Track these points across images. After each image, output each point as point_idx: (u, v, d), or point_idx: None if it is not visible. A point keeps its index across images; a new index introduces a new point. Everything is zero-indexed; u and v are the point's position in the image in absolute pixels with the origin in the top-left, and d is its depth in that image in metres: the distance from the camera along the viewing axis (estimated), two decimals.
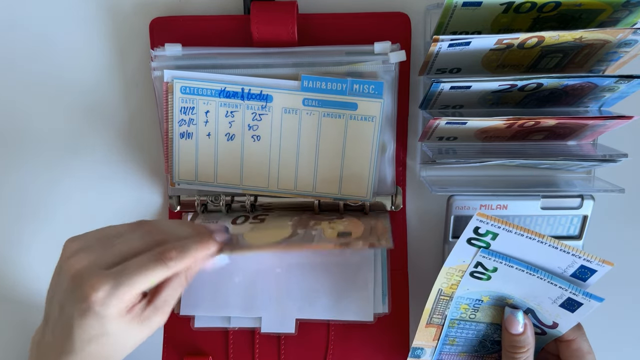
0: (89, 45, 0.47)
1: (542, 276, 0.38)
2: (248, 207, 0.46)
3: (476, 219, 0.36)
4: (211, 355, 0.48)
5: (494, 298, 0.41)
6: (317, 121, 0.40)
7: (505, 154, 0.42)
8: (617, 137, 0.43)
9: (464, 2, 0.36)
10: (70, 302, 0.34)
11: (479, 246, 0.38)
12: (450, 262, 0.39)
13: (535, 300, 0.40)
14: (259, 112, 0.41)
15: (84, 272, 0.34)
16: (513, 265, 0.38)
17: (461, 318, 0.43)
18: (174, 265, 0.35)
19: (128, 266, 0.34)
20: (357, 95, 0.41)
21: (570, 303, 0.39)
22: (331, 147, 0.43)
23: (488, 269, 0.39)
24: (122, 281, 0.34)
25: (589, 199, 0.44)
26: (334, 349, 0.47)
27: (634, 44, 0.38)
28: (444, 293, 0.41)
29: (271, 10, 0.43)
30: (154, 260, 0.35)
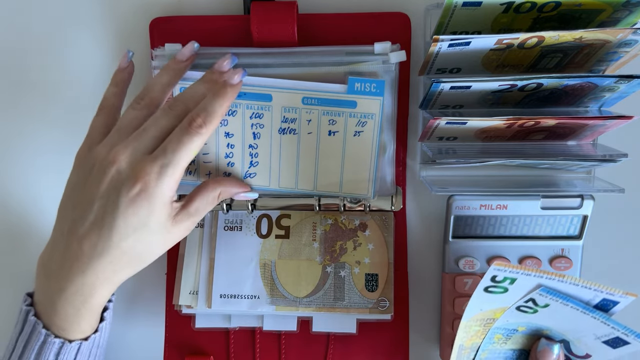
0: (89, 45, 0.47)
1: (596, 315, 0.37)
2: (249, 207, 0.46)
3: (494, 269, 0.35)
4: (212, 355, 0.48)
5: (531, 329, 0.41)
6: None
7: (505, 154, 0.42)
8: (617, 137, 0.43)
9: (464, 2, 0.36)
10: (118, 190, 0.35)
11: (497, 292, 0.37)
12: (468, 315, 0.38)
13: (575, 334, 0.40)
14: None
15: (131, 160, 0.36)
16: (568, 303, 0.37)
17: (493, 348, 0.42)
18: (205, 130, 0.37)
19: (167, 146, 0.36)
20: (358, 93, 0.41)
21: (616, 341, 0.38)
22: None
23: (539, 304, 0.38)
24: (168, 160, 0.36)
25: (589, 199, 0.44)
26: (335, 348, 0.47)
27: (634, 44, 0.38)
28: (464, 347, 0.40)
29: (271, 10, 0.43)
30: (185, 133, 0.37)
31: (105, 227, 0.35)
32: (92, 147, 0.38)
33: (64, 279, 0.36)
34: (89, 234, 0.35)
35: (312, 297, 0.46)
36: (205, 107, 0.37)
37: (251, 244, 0.47)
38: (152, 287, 0.49)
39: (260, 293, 0.46)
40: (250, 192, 0.44)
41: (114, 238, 0.35)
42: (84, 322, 0.38)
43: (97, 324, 0.39)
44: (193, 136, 0.37)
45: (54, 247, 0.37)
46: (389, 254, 0.46)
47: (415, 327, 0.48)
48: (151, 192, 0.35)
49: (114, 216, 0.35)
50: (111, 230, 0.35)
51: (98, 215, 0.35)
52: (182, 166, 0.36)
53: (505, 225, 0.45)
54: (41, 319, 0.37)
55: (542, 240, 0.45)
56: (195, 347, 0.48)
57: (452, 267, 0.46)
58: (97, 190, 0.36)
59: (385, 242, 0.46)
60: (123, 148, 0.36)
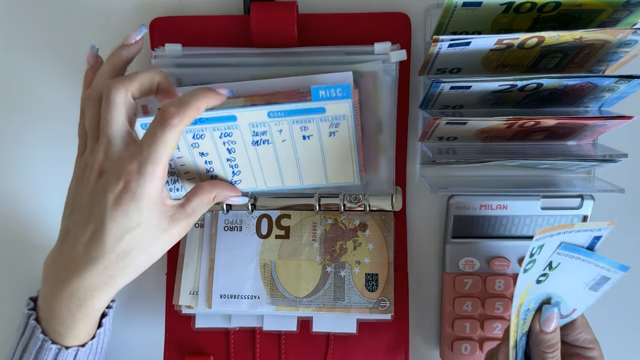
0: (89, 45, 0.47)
1: (592, 259, 0.39)
2: (249, 207, 0.46)
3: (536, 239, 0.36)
4: (212, 355, 0.48)
5: (537, 301, 0.41)
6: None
7: (505, 154, 0.42)
8: (617, 137, 0.43)
9: (464, 2, 0.36)
10: (104, 192, 0.35)
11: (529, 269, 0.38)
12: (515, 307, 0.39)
13: (569, 290, 0.41)
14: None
15: (109, 161, 0.35)
16: (575, 254, 0.39)
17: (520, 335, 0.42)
18: (179, 121, 0.35)
19: (142, 142, 0.35)
20: (324, 99, 0.39)
21: (599, 282, 0.40)
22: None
23: (553, 267, 0.39)
24: (145, 157, 0.35)
25: (589, 199, 0.44)
26: (335, 348, 0.47)
27: (634, 44, 0.38)
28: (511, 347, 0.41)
29: (271, 10, 0.43)
30: (159, 126, 0.35)
31: (97, 231, 0.35)
32: (81, 155, 0.38)
33: (61, 282, 0.36)
34: (82, 239, 0.35)
35: (312, 297, 0.46)
36: (181, 100, 0.36)
37: (251, 244, 0.47)
38: (152, 287, 0.49)
39: (260, 293, 0.46)
40: (241, 197, 0.44)
41: (107, 242, 0.35)
42: (80, 328, 0.37)
43: (94, 330, 0.39)
44: (166, 128, 0.35)
45: (55, 252, 0.37)
46: (389, 254, 0.46)
47: (415, 327, 0.48)
48: (134, 190, 0.34)
49: (103, 219, 0.35)
50: (103, 234, 0.35)
51: (89, 220, 0.35)
52: (162, 162, 0.35)
53: (505, 225, 0.45)
54: (41, 323, 0.37)
55: None
56: (195, 347, 0.48)
57: (452, 267, 0.46)
58: (87, 196, 0.36)
59: (385, 242, 0.46)
60: (97, 151, 0.36)
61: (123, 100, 0.36)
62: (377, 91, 0.43)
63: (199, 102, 0.36)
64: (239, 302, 0.46)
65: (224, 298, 0.47)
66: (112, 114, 0.36)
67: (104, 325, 0.39)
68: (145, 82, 0.37)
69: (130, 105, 0.36)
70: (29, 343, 0.37)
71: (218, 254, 0.47)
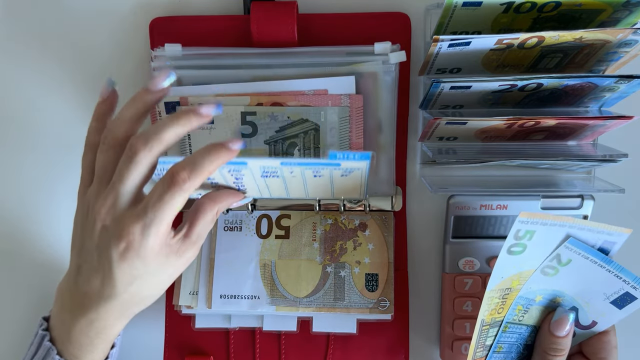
0: (89, 45, 0.47)
1: (612, 268, 0.38)
2: (249, 207, 0.46)
3: (519, 221, 0.36)
4: (212, 355, 0.48)
5: (547, 297, 0.41)
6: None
7: (505, 154, 0.42)
8: (617, 137, 0.43)
9: (464, 2, 0.36)
10: (107, 247, 0.35)
11: (517, 252, 0.38)
12: (492, 284, 0.39)
13: (586, 296, 0.40)
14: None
15: (113, 217, 0.35)
16: (589, 256, 0.38)
17: (513, 320, 0.42)
18: (189, 186, 0.34)
19: (148, 203, 0.34)
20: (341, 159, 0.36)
21: (623, 299, 0.39)
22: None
23: (562, 261, 0.39)
24: (150, 219, 0.34)
25: (589, 199, 0.44)
26: (335, 348, 0.47)
27: (634, 44, 0.38)
28: (485, 322, 0.41)
29: (271, 10, 0.43)
30: (167, 189, 0.34)
31: (107, 277, 0.35)
32: (85, 188, 0.38)
33: (78, 313, 0.36)
34: (94, 281, 0.36)
35: (312, 297, 0.46)
36: (193, 160, 0.34)
37: (251, 244, 0.47)
38: None
39: (260, 293, 0.46)
40: (246, 198, 0.43)
41: (118, 287, 0.35)
42: (97, 352, 0.38)
43: (108, 351, 0.40)
44: (175, 192, 0.34)
45: (70, 282, 0.37)
46: (389, 254, 0.46)
47: (415, 327, 0.48)
48: (137, 249, 0.34)
49: (111, 269, 0.35)
50: (112, 280, 0.35)
51: (98, 265, 0.35)
52: (166, 222, 0.35)
53: (505, 225, 0.45)
54: (55, 344, 0.38)
55: None
56: (195, 347, 0.48)
57: (452, 267, 0.46)
58: (92, 241, 0.36)
59: (386, 242, 0.46)
60: (103, 202, 0.35)
61: (147, 162, 0.35)
62: (377, 91, 0.43)
63: (212, 164, 0.35)
64: (238, 303, 0.46)
65: (224, 298, 0.47)
66: (131, 173, 0.35)
67: (116, 345, 0.40)
68: (171, 142, 0.36)
69: (152, 166, 0.35)
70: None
71: (218, 254, 0.47)
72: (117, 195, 0.35)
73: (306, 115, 0.42)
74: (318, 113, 0.42)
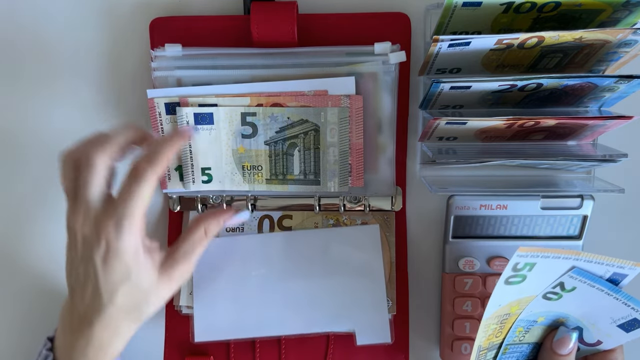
0: (88, 45, 0.47)
1: (619, 296, 0.38)
2: (249, 207, 0.46)
3: (517, 255, 0.35)
4: (212, 356, 0.48)
5: (550, 318, 0.41)
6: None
7: (505, 154, 0.42)
8: (617, 137, 0.43)
9: (464, 2, 0.36)
10: (90, 255, 0.36)
11: (515, 283, 0.37)
12: (489, 312, 0.38)
13: (592, 319, 0.40)
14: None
15: (88, 223, 0.36)
16: (595, 284, 0.38)
17: (513, 342, 0.42)
18: (151, 173, 0.36)
19: (117, 199, 0.36)
20: None
21: (631, 324, 0.39)
22: None
23: (566, 288, 0.38)
24: (121, 213, 0.36)
25: (588, 199, 0.44)
26: (335, 348, 0.48)
27: (633, 44, 0.38)
28: (482, 348, 0.40)
29: (271, 11, 0.43)
30: (133, 181, 0.36)
31: (92, 289, 0.36)
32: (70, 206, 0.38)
33: (76, 333, 0.37)
34: (83, 297, 0.37)
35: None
36: (150, 153, 0.37)
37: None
38: None
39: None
40: (241, 214, 0.43)
41: (104, 297, 0.36)
42: None
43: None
44: (140, 182, 0.36)
45: (68, 305, 0.39)
46: (391, 253, 0.46)
47: (415, 327, 0.48)
48: (115, 247, 0.36)
49: (96, 279, 0.36)
50: (97, 290, 0.36)
51: (84, 279, 0.37)
52: (137, 215, 0.36)
53: (505, 225, 0.45)
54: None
55: (542, 240, 0.45)
56: (195, 348, 0.48)
57: (452, 267, 0.46)
58: (77, 256, 0.37)
59: (387, 242, 0.46)
60: (77, 214, 0.36)
61: (103, 165, 0.36)
62: (377, 91, 0.43)
63: (167, 150, 0.37)
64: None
65: None
66: (91, 176, 0.36)
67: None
68: (121, 142, 0.38)
69: (110, 168, 0.37)
70: None
71: None
72: (86, 201, 0.36)
73: (306, 116, 0.43)
74: (318, 114, 0.42)
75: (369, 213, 0.47)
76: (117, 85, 0.47)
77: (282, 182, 0.45)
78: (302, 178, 0.44)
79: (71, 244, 0.37)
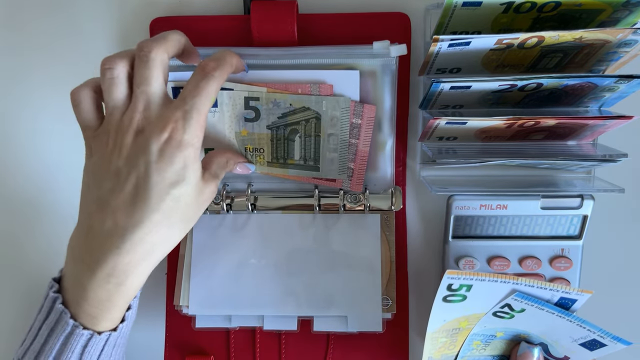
0: (88, 45, 0.47)
1: (572, 319, 0.38)
2: (249, 207, 0.46)
3: (447, 277, 0.36)
4: (213, 355, 0.48)
5: (509, 334, 0.41)
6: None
7: (505, 154, 0.42)
8: (617, 137, 0.43)
9: (464, 2, 0.36)
10: (145, 147, 0.34)
11: (456, 301, 0.38)
12: (433, 327, 0.39)
13: (552, 336, 0.40)
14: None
15: (147, 115, 0.35)
16: (544, 308, 0.38)
17: (471, 355, 0.42)
18: (219, 74, 0.37)
19: (185, 94, 0.35)
20: None
21: (593, 343, 0.39)
22: None
23: (515, 309, 0.38)
24: (189, 106, 0.35)
25: (589, 198, 0.44)
26: (335, 348, 0.48)
27: (634, 44, 0.38)
28: (434, 359, 0.41)
29: (271, 10, 0.43)
30: (201, 77, 0.36)
31: (141, 189, 0.33)
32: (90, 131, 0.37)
33: (96, 261, 0.33)
34: (123, 204, 0.33)
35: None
36: (216, 56, 0.37)
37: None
38: (152, 287, 0.49)
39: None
40: (249, 164, 0.44)
41: (153, 197, 0.33)
42: (116, 309, 0.35)
43: (124, 312, 0.37)
44: (209, 80, 0.36)
45: (82, 230, 0.35)
46: (391, 253, 0.46)
47: (415, 327, 0.48)
48: (180, 138, 0.34)
49: (148, 172, 0.33)
50: (147, 190, 0.33)
51: (130, 180, 0.33)
52: (204, 111, 0.35)
53: (505, 225, 0.45)
54: (69, 307, 0.35)
55: (542, 240, 0.45)
56: (195, 347, 0.48)
57: (452, 267, 0.46)
58: (120, 158, 0.34)
59: (387, 241, 0.46)
60: (131, 113, 0.35)
61: (162, 58, 0.36)
62: (377, 90, 0.43)
63: (232, 59, 0.38)
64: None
65: None
66: (152, 72, 0.35)
67: (132, 307, 0.38)
68: (176, 43, 0.37)
69: (166, 65, 0.36)
70: (56, 328, 0.34)
71: None
72: (148, 97, 0.35)
73: (307, 103, 0.43)
74: (320, 102, 0.42)
75: (369, 213, 0.47)
76: None
77: (282, 165, 0.45)
78: (302, 163, 0.45)
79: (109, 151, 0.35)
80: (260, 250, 0.46)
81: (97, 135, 0.36)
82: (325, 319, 0.47)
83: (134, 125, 0.35)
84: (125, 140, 0.34)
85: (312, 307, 0.46)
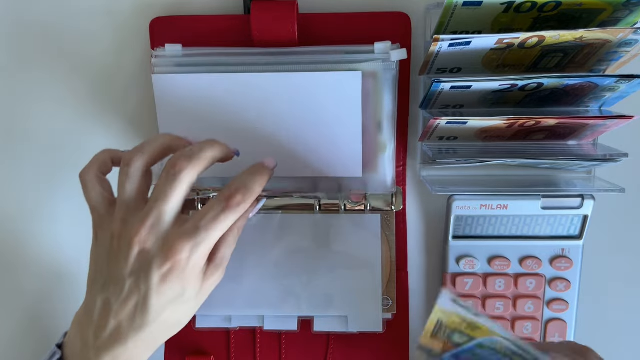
0: (88, 45, 0.47)
1: None
2: None
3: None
4: (213, 355, 0.48)
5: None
6: None
7: (506, 154, 0.42)
8: (617, 137, 0.43)
9: (464, 2, 0.36)
10: (148, 270, 0.34)
11: None
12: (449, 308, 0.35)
13: None
14: None
15: (155, 238, 0.34)
16: None
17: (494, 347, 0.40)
18: (243, 208, 0.35)
19: (199, 223, 0.34)
20: None
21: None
22: None
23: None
24: (201, 239, 0.34)
25: (589, 198, 0.44)
26: (335, 348, 0.48)
27: (634, 43, 0.38)
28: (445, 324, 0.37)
29: (271, 10, 0.43)
30: (222, 210, 0.34)
31: (140, 304, 0.34)
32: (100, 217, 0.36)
33: (103, 349, 0.34)
34: (124, 312, 0.34)
35: None
36: (245, 183, 0.35)
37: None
38: None
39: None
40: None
41: (151, 314, 0.34)
42: None
43: None
44: (230, 214, 0.34)
45: (89, 313, 0.36)
46: (391, 253, 0.46)
47: (416, 327, 0.48)
48: (183, 269, 0.34)
49: (148, 295, 0.34)
50: (146, 307, 0.34)
51: (131, 293, 0.34)
52: (213, 243, 0.35)
53: (506, 225, 0.45)
54: None
55: (542, 240, 0.45)
56: (195, 347, 0.48)
57: (453, 267, 0.46)
58: (125, 269, 0.34)
59: (388, 241, 0.46)
60: (140, 225, 0.34)
61: (190, 180, 0.35)
62: (378, 91, 0.43)
63: (260, 186, 0.36)
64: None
65: None
66: (175, 191, 0.34)
67: None
68: (210, 162, 0.36)
69: (193, 183, 0.35)
70: None
71: None
72: (160, 215, 0.34)
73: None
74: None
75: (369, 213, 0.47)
76: (117, 85, 0.47)
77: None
78: None
79: (115, 253, 0.35)
80: (260, 250, 0.46)
81: (102, 223, 0.36)
82: (326, 319, 0.47)
83: (140, 239, 0.34)
84: (129, 251, 0.34)
85: (312, 307, 0.46)
